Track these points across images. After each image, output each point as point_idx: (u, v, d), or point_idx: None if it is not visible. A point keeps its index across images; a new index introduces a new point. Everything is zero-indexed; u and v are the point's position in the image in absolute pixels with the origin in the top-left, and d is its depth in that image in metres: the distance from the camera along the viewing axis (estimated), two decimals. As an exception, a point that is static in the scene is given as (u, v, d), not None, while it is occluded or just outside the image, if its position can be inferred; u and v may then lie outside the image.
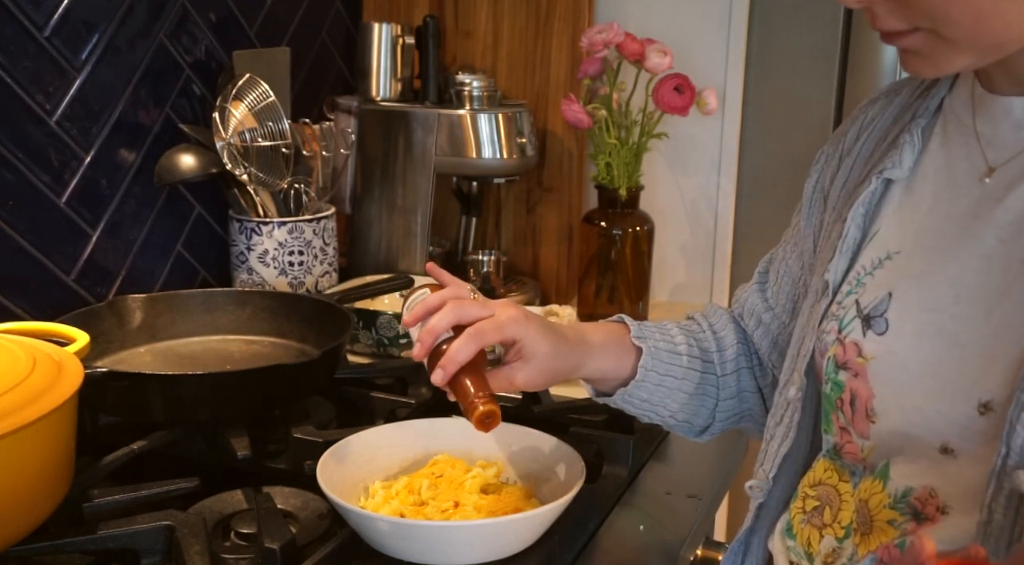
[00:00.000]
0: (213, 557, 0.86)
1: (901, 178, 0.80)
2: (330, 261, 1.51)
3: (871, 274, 0.78)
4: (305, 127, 1.51)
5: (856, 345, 0.76)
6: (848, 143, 0.88)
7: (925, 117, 0.81)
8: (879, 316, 0.75)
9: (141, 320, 1.27)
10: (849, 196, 0.84)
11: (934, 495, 0.71)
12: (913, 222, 0.77)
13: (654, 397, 0.95)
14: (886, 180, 0.81)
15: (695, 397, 0.97)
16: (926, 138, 0.80)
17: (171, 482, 0.95)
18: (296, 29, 1.66)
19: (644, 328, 0.96)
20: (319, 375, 1.15)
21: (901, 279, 0.75)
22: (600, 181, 1.58)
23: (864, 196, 0.81)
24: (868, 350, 0.75)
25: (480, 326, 0.86)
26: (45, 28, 1.20)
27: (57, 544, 0.86)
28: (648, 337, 0.95)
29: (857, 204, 0.81)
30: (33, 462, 0.80)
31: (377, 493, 0.94)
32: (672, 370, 0.95)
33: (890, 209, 0.80)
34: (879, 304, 0.76)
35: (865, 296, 0.77)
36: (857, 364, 0.76)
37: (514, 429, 1.02)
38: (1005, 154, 0.73)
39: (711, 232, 1.74)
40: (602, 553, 0.94)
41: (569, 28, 1.68)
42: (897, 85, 0.88)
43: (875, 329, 0.75)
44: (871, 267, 0.79)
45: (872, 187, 0.80)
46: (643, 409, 0.96)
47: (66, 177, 1.26)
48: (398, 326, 1.40)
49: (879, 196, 0.81)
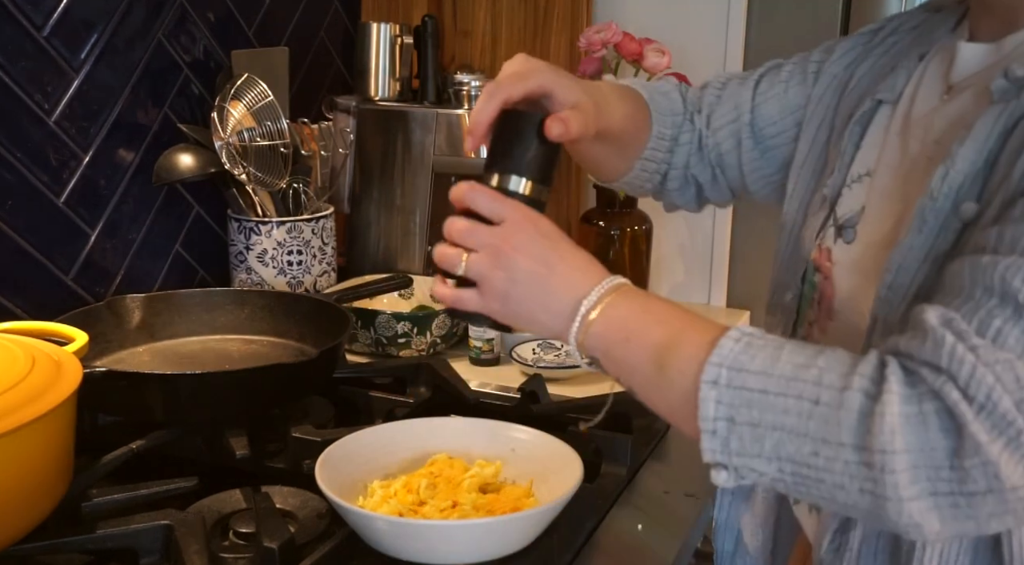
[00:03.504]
0: (212, 556, 0.86)
1: (890, 101, 0.84)
2: (329, 261, 1.51)
3: (849, 187, 0.84)
4: (304, 127, 1.51)
5: (828, 250, 0.83)
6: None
7: (925, 47, 0.84)
8: (851, 227, 0.82)
9: (140, 320, 1.27)
10: (848, 116, 0.87)
11: None
12: (886, 143, 0.82)
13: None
14: (878, 101, 0.84)
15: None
16: (923, 66, 0.83)
17: (170, 481, 0.95)
18: (295, 29, 1.66)
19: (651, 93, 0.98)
20: (318, 375, 1.15)
21: (872, 195, 0.81)
22: (599, 181, 1.59)
23: (857, 116, 0.85)
24: (836, 255, 0.83)
25: (497, 79, 0.79)
26: (44, 28, 1.20)
27: (56, 543, 0.86)
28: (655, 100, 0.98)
29: (852, 123, 0.85)
30: (32, 461, 0.80)
31: (376, 492, 0.94)
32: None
33: (873, 129, 0.84)
34: (852, 216, 0.82)
35: (842, 207, 0.84)
36: (826, 267, 0.84)
37: (513, 428, 1.02)
38: (964, 73, 0.77)
39: (709, 232, 1.74)
40: (600, 552, 0.94)
41: (567, 28, 1.68)
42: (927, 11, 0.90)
43: (845, 238, 0.82)
44: (850, 182, 0.84)
45: (865, 107, 0.85)
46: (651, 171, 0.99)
47: (65, 177, 1.26)
48: (397, 325, 1.40)
49: (870, 116, 0.85)
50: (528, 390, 1.21)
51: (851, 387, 0.61)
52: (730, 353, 0.65)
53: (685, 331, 0.69)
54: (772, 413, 0.63)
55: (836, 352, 0.64)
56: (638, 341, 0.71)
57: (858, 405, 0.60)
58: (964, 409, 0.57)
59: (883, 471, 0.59)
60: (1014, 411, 0.57)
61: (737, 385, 0.64)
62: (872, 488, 0.60)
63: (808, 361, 0.63)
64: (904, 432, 0.58)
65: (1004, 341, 0.58)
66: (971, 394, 0.58)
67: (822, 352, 0.64)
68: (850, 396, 0.61)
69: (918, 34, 0.87)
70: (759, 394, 0.63)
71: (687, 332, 0.69)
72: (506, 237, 0.75)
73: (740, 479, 0.66)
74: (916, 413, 0.59)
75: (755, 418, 0.63)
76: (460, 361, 1.40)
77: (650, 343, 0.70)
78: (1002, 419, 0.57)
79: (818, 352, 0.64)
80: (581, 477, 0.91)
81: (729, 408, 0.64)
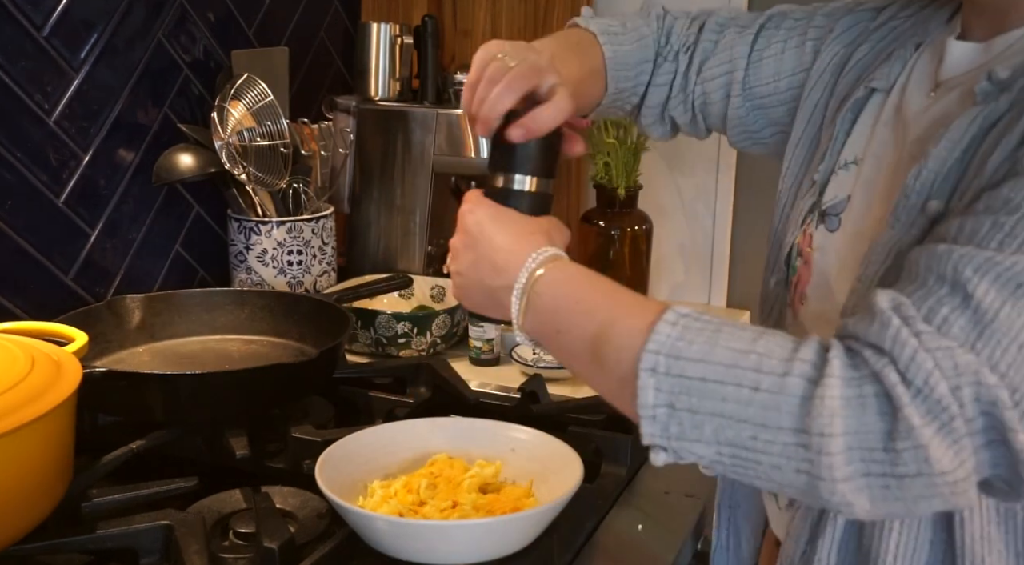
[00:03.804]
0: (212, 557, 0.86)
1: (883, 89, 0.84)
2: (329, 261, 1.51)
3: (836, 174, 0.84)
4: (304, 127, 1.51)
5: (810, 236, 0.84)
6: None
7: (922, 36, 0.84)
8: (835, 215, 0.82)
9: (140, 320, 1.27)
10: (841, 103, 0.88)
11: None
12: (875, 133, 0.82)
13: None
14: (871, 89, 0.84)
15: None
16: (915, 57, 0.83)
17: (170, 481, 0.95)
18: (295, 29, 1.66)
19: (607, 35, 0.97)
20: (318, 375, 1.15)
21: (858, 185, 0.81)
22: (598, 181, 1.59)
23: (850, 103, 0.85)
24: (817, 242, 0.83)
25: (517, 70, 0.80)
26: (44, 28, 1.20)
27: (56, 543, 0.86)
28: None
29: (845, 110, 0.85)
30: (32, 461, 0.80)
31: (376, 492, 0.94)
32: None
33: (864, 117, 0.85)
34: (837, 203, 0.83)
35: (828, 193, 0.84)
36: (807, 252, 0.84)
37: (513, 428, 1.02)
38: (952, 71, 0.77)
39: (709, 231, 1.74)
40: (600, 552, 0.94)
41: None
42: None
43: (828, 226, 0.83)
44: (838, 168, 0.84)
45: (858, 94, 0.85)
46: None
47: (65, 177, 1.26)
48: (397, 325, 1.40)
49: (862, 104, 0.85)
50: (528, 390, 1.21)
51: (791, 372, 0.61)
52: (667, 339, 0.65)
53: (617, 318, 0.70)
54: (712, 400, 0.63)
55: (775, 335, 0.64)
56: (568, 334, 0.73)
57: (800, 390, 0.61)
58: (901, 392, 0.58)
59: (820, 453, 0.60)
60: (949, 397, 0.58)
61: (676, 373, 0.64)
62: (808, 468, 0.61)
63: (747, 347, 0.63)
64: (844, 415, 0.59)
65: (949, 329, 0.59)
66: (909, 377, 0.58)
67: (761, 335, 0.64)
68: (791, 381, 0.61)
69: (916, 21, 0.87)
70: (698, 382, 0.64)
71: (620, 318, 0.69)
72: (457, 236, 0.82)
73: (679, 460, 0.67)
74: (856, 396, 0.59)
75: (695, 405, 0.64)
76: (460, 361, 1.40)
77: (582, 334, 0.71)
78: (937, 404, 0.58)
79: (757, 336, 0.64)
80: (581, 477, 0.91)
81: (669, 395, 0.65)
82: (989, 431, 0.58)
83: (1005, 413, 0.57)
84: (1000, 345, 0.58)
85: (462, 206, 0.83)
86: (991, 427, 0.58)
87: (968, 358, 0.58)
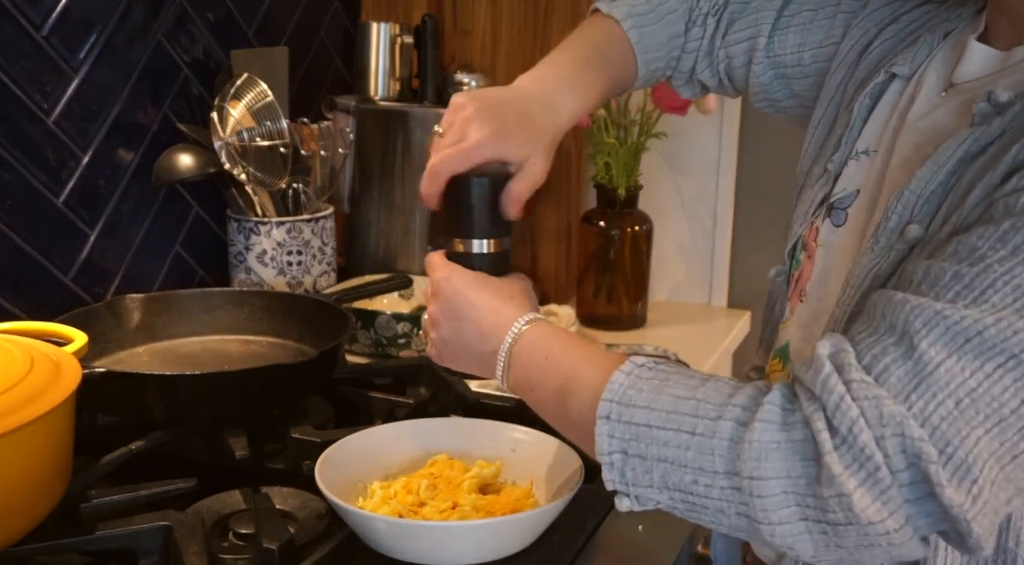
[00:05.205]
0: (211, 557, 0.86)
1: (905, 75, 0.81)
2: (328, 261, 1.50)
3: (848, 164, 0.82)
4: (303, 127, 1.51)
5: (816, 229, 0.83)
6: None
7: (952, 24, 0.81)
8: (842, 209, 0.80)
9: (139, 320, 1.27)
10: (860, 86, 0.85)
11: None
12: (889, 122, 0.80)
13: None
14: (891, 74, 0.82)
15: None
16: (937, 50, 0.81)
17: (169, 482, 0.94)
18: (294, 28, 1.65)
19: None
20: (317, 375, 1.15)
21: (868, 178, 0.79)
22: (599, 181, 1.59)
23: (869, 87, 0.82)
24: (822, 236, 0.82)
25: (441, 155, 0.84)
26: (43, 27, 1.20)
27: (55, 544, 0.86)
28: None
29: (864, 95, 0.83)
30: (31, 462, 0.80)
31: (375, 493, 0.94)
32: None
33: (882, 104, 0.82)
34: (846, 196, 0.81)
35: (839, 184, 0.82)
36: (811, 247, 0.83)
37: (513, 428, 1.02)
38: (966, 74, 0.76)
39: (710, 232, 1.75)
40: (601, 553, 0.94)
41: (568, 28, 1.65)
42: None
43: (834, 220, 0.81)
44: (851, 158, 0.82)
45: (879, 79, 0.82)
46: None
47: (64, 177, 1.25)
48: (396, 326, 1.40)
49: (881, 90, 0.82)
50: (528, 390, 1.21)
51: (724, 416, 0.63)
52: (620, 388, 0.68)
53: (580, 369, 0.73)
54: (656, 446, 0.65)
55: (718, 382, 0.66)
56: (541, 388, 0.77)
57: (728, 433, 0.62)
58: (825, 438, 0.58)
59: (751, 495, 0.60)
60: (873, 446, 0.57)
61: (626, 420, 0.66)
62: (745, 511, 0.62)
63: (688, 393, 0.65)
64: (771, 459, 0.60)
65: (887, 379, 0.59)
66: (835, 425, 0.58)
67: (705, 382, 0.66)
68: (722, 425, 0.62)
69: (949, 6, 0.84)
70: (644, 428, 0.66)
71: (582, 370, 0.73)
72: (435, 304, 0.84)
73: (642, 505, 0.69)
74: (784, 440, 0.60)
75: (643, 451, 0.66)
76: (460, 361, 1.40)
77: (552, 387, 0.75)
78: (861, 453, 0.57)
79: (701, 382, 0.66)
80: (581, 478, 0.91)
81: (621, 442, 0.67)
82: (918, 485, 0.57)
83: (930, 467, 0.56)
84: (936, 398, 0.57)
85: (435, 273, 0.85)
86: (920, 481, 0.57)
87: (896, 409, 0.57)
